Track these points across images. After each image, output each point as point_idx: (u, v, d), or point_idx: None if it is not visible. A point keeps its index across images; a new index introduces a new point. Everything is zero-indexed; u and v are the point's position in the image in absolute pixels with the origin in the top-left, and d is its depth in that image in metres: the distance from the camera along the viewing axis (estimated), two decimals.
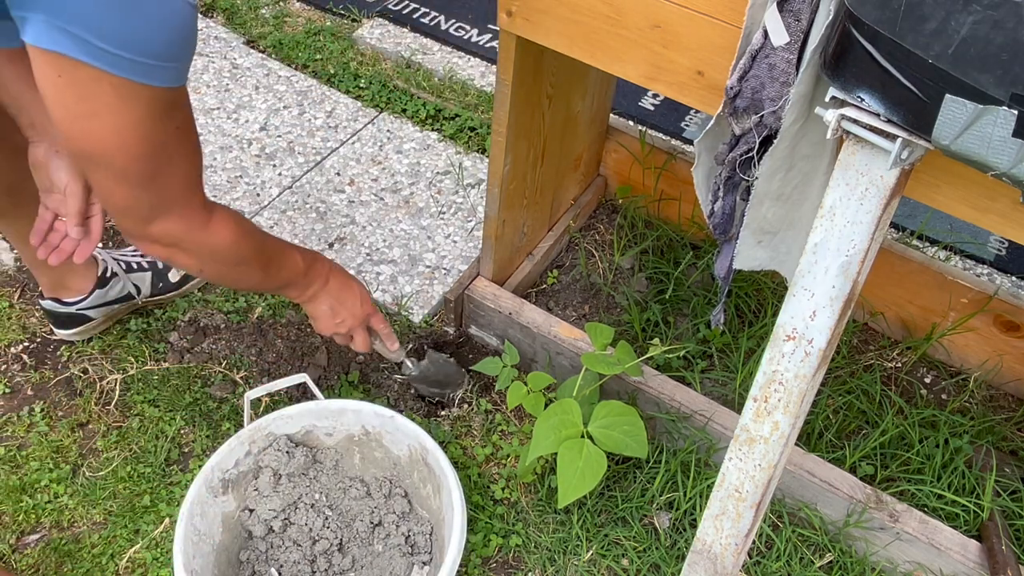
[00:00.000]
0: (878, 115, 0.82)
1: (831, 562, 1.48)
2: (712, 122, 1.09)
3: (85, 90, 0.94)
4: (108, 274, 1.68)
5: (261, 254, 1.27)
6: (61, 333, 1.71)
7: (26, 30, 0.91)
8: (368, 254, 1.91)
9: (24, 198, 1.47)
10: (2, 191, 1.47)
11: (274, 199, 2.01)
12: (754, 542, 1.51)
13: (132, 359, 1.70)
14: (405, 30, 2.50)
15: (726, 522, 1.15)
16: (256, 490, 1.43)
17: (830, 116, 0.85)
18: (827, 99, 0.85)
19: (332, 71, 2.35)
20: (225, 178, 2.05)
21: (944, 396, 1.73)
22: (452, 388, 1.69)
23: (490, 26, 2.52)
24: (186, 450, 1.60)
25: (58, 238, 1.37)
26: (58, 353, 1.72)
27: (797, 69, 0.97)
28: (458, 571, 1.27)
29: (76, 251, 1.36)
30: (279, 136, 2.16)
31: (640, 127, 2.05)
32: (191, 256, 1.18)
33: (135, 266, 1.74)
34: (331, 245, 1.92)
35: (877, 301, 1.78)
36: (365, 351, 1.52)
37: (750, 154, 1.07)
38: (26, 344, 1.74)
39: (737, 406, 1.62)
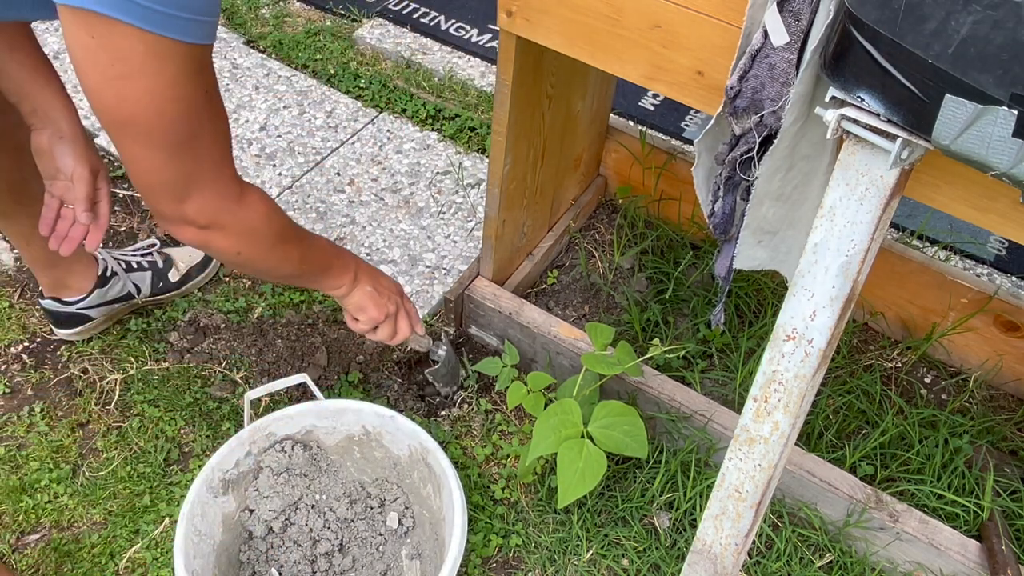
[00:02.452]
0: (878, 115, 0.82)
1: (831, 562, 1.48)
2: (712, 122, 1.09)
3: (119, 50, 0.92)
4: (108, 273, 1.68)
5: (295, 233, 1.24)
6: (61, 333, 1.71)
7: None
8: (368, 254, 1.91)
9: (26, 198, 1.47)
10: (5, 190, 1.47)
11: (274, 199, 2.01)
12: (754, 542, 1.51)
13: (132, 359, 1.71)
14: (405, 30, 2.50)
15: (726, 522, 1.15)
16: (256, 490, 1.43)
17: (830, 116, 0.85)
18: (827, 99, 0.85)
19: (332, 71, 2.35)
20: None
21: (944, 396, 1.73)
22: (457, 383, 1.69)
23: (490, 26, 2.52)
24: (186, 450, 1.60)
25: (66, 226, 1.35)
26: (58, 353, 1.72)
27: (797, 69, 0.97)
28: (458, 571, 1.27)
29: (87, 238, 1.36)
30: (279, 136, 2.16)
31: (640, 127, 2.05)
32: (229, 236, 1.14)
33: (135, 266, 1.74)
34: None
35: (877, 301, 1.78)
36: (406, 336, 1.46)
37: (750, 154, 1.07)
38: (26, 344, 1.74)
39: (737, 406, 1.62)
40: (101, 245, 1.50)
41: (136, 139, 1.01)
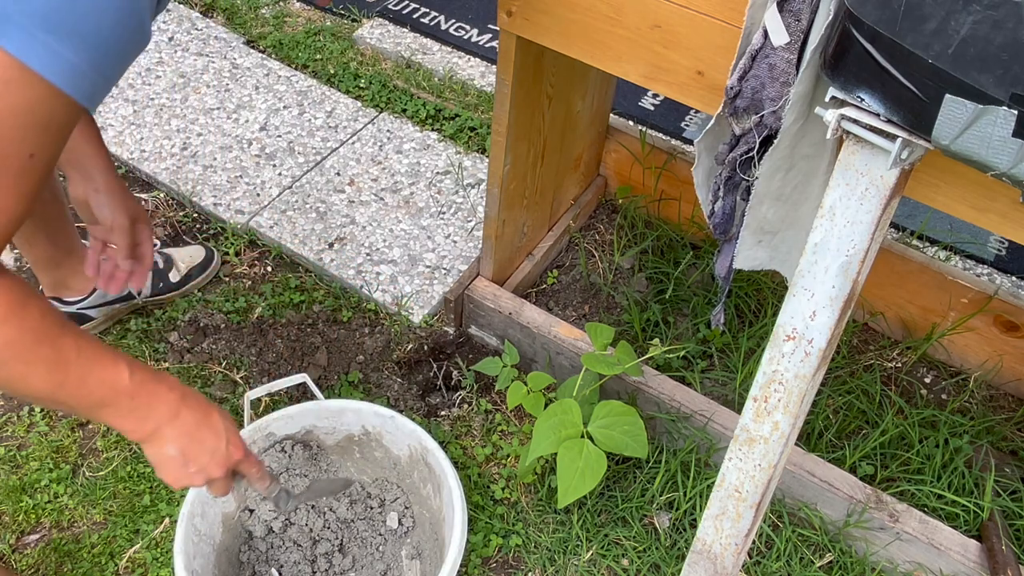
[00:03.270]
0: (878, 115, 0.82)
1: (831, 562, 1.48)
2: (712, 122, 1.09)
3: None
4: None
5: (47, 347, 0.87)
6: None
7: None
8: (368, 254, 1.91)
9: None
10: None
11: (274, 199, 2.01)
12: (754, 542, 1.51)
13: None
14: (405, 30, 2.50)
15: (726, 522, 1.15)
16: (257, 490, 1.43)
17: (830, 116, 0.85)
18: (827, 99, 0.85)
19: (332, 71, 2.35)
20: (225, 178, 2.04)
21: (944, 396, 1.73)
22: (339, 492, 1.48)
23: (490, 26, 2.52)
24: None
25: (111, 267, 1.40)
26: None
27: (797, 69, 0.97)
28: (458, 571, 1.27)
29: (132, 279, 1.41)
30: (279, 136, 2.16)
31: (640, 127, 2.05)
32: None
33: None
34: (331, 245, 1.92)
35: (877, 301, 1.78)
36: (221, 496, 1.15)
37: (750, 154, 1.07)
38: None
39: (737, 406, 1.62)
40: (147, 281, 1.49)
41: None
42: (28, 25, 0.71)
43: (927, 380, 1.76)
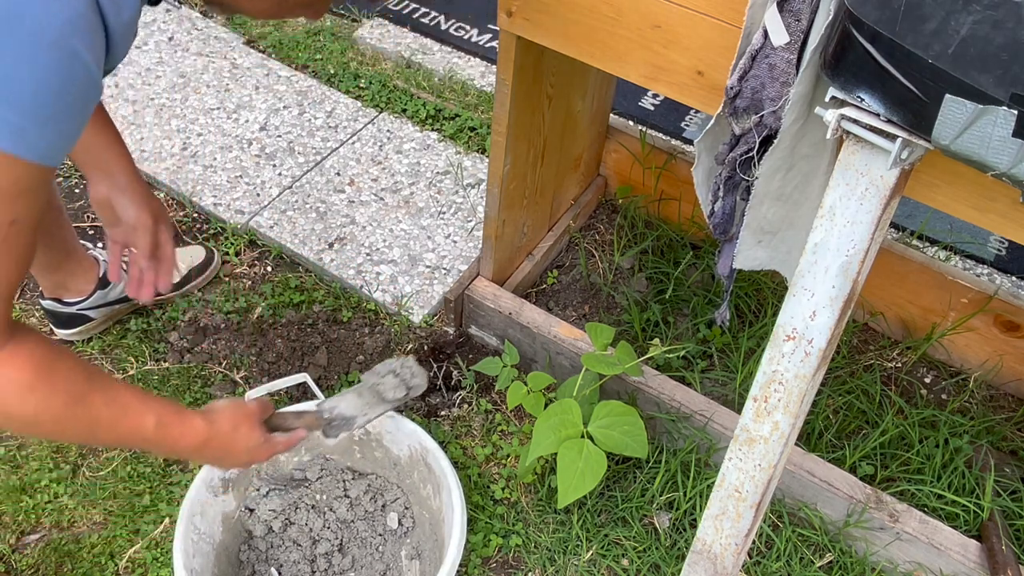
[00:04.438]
0: (878, 115, 0.82)
1: (831, 562, 1.48)
2: (712, 122, 1.09)
3: None
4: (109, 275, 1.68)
5: (78, 408, 0.92)
6: (61, 333, 1.71)
7: None
8: (368, 254, 1.91)
9: None
10: None
11: (274, 199, 2.01)
12: (754, 542, 1.51)
13: (132, 359, 1.70)
14: (405, 30, 2.50)
15: (726, 522, 1.15)
16: (256, 490, 1.43)
17: (830, 116, 0.85)
18: (827, 99, 0.85)
19: (332, 71, 2.35)
20: (225, 178, 2.04)
21: (944, 396, 1.73)
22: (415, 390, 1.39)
23: (490, 26, 2.52)
24: None
25: (137, 272, 1.40)
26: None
27: (797, 69, 0.97)
28: (458, 571, 1.27)
29: (158, 281, 1.41)
30: (279, 136, 2.16)
31: (640, 127, 2.05)
32: None
33: None
34: (331, 245, 1.92)
35: (877, 301, 1.78)
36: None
37: (750, 154, 1.07)
38: None
39: (737, 406, 1.62)
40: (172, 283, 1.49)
41: None
42: None
43: (927, 380, 1.76)
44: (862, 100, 0.82)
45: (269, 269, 1.90)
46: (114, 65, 0.88)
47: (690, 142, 2.17)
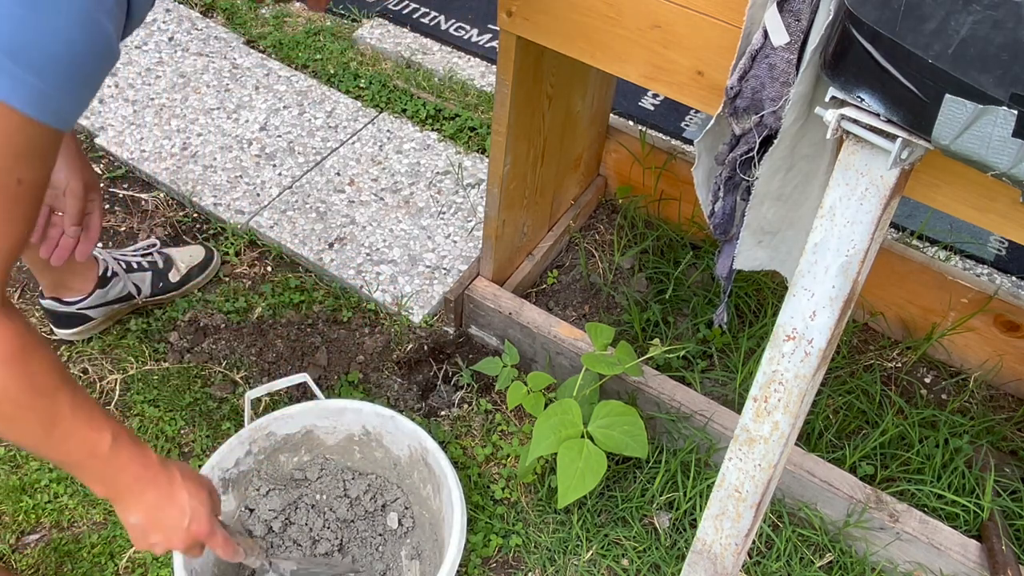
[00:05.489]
0: (878, 115, 0.82)
1: (831, 562, 1.48)
2: (712, 122, 1.09)
3: None
4: (109, 274, 1.68)
5: (44, 399, 0.89)
6: (61, 333, 1.71)
7: None
8: (368, 254, 1.91)
9: None
10: None
11: (274, 199, 2.01)
12: (754, 542, 1.51)
13: (132, 359, 1.70)
14: (405, 30, 2.50)
15: (726, 522, 1.15)
16: (256, 490, 1.43)
17: (830, 116, 0.85)
18: (827, 99, 0.85)
19: (332, 71, 2.35)
20: (225, 178, 2.04)
21: (944, 396, 1.73)
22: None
23: (490, 26, 2.52)
24: (186, 450, 1.60)
25: (57, 233, 1.35)
26: (58, 353, 1.72)
27: (797, 69, 0.97)
28: (458, 571, 1.27)
29: (77, 249, 1.36)
30: (279, 136, 2.16)
31: (640, 127, 2.05)
32: None
33: (135, 266, 1.74)
34: (331, 245, 1.92)
35: (877, 301, 1.78)
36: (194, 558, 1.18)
37: (750, 154, 1.07)
38: None
39: (737, 406, 1.62)
40: (97, 249, 1.46)
41: None
42: None
43: (927, 380, 1.76)
44: (862, 100, 0.82)
45: (269, 269, 1.90)
46: (131, 31, 0.89)
47: (690, 142, 2.17)
